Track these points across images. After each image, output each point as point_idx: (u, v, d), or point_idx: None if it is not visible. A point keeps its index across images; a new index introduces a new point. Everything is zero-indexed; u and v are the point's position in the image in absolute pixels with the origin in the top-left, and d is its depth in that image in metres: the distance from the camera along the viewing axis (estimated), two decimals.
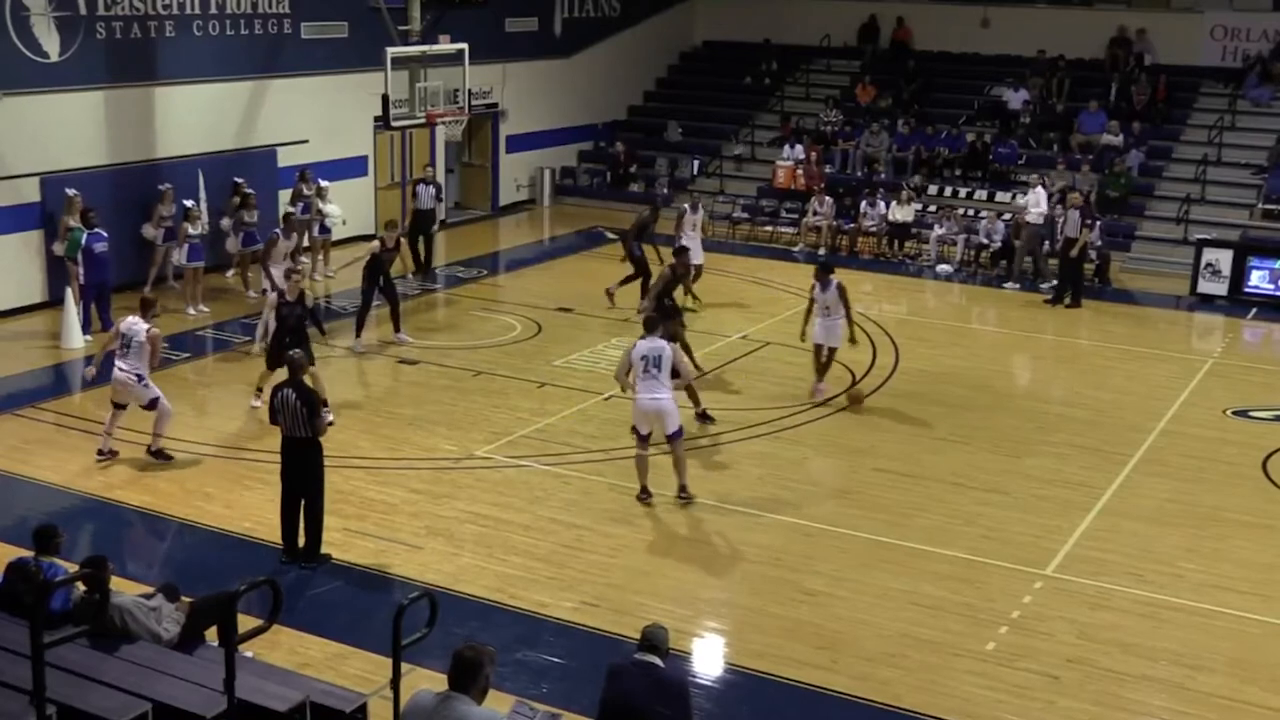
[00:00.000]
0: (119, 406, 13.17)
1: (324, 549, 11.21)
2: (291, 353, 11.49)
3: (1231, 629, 10.42)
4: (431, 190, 22.02)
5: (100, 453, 13.20)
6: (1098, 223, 21.17)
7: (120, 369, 13.01)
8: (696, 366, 15.26)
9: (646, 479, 12.45)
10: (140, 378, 12.98)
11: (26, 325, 18.05)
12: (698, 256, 19.48)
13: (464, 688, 5.99)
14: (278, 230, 17.96)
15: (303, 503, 11.05)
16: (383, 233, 17.78)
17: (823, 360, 15.67)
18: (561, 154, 28.82)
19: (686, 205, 20.79)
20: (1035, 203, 21.97)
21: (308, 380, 11.32)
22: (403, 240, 18.18)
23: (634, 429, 12.42)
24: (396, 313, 17.41)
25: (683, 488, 12.48)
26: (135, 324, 12.97)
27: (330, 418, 14.03)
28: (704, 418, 14.66)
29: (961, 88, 28.47)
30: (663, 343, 12.31)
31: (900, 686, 9.37)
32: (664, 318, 14.21)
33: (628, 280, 19.43)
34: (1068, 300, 20.56)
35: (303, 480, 11.02)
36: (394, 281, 17.68)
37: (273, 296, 15.21)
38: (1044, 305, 20.66)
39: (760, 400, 15.59)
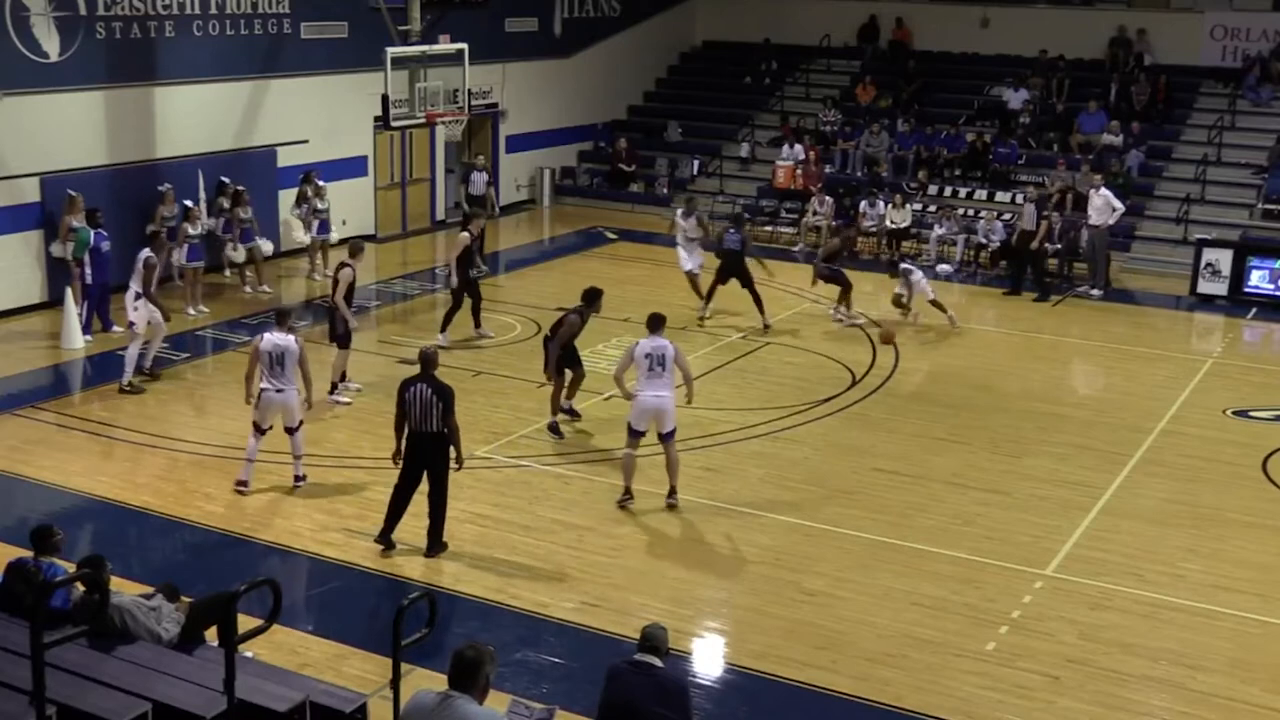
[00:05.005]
0: (262, 431, 12.38)
1: (325, 548, 11.27)
2: (425, 347, 11.68)
3: (1231, 629, 10.42)
4: (484, 176, 23.14)
5: (242, 483, 12.44)
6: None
7: (275, 387, 12.15)
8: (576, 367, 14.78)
9: (632, 480, 12.40)
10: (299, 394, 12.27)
11: (26, 325, 18.05)
12: (686, 263, 19.45)
13: (464, 687, 5.98)
14: (151, 254, 15.63)
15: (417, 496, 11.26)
16: (470, 225, 17.92)
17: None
18: (561, 154, 28.82)
19: (679, 210, 20.17)
20: (1104, 205, 21.29)
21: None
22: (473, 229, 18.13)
23: (629, 428, 12.35)
24: (478, 308, 17.63)
25: (673, 490, 12.41)
26: (281, 339, 12.22)
27: (355, 385, 15.27)
28: (555, 429, 14.24)
29: (961, 88, 28.47)
30: (665, 341, 12.25)
31: (901, 687, 9.37)
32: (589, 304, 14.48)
33: (843, 299, 19.17)
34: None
35: (429, 474, 11.15)
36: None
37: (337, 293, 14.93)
38: (1044, 304, 20.69)
39: (760, 400, 15.59)
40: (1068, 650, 9.94)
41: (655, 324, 12.43)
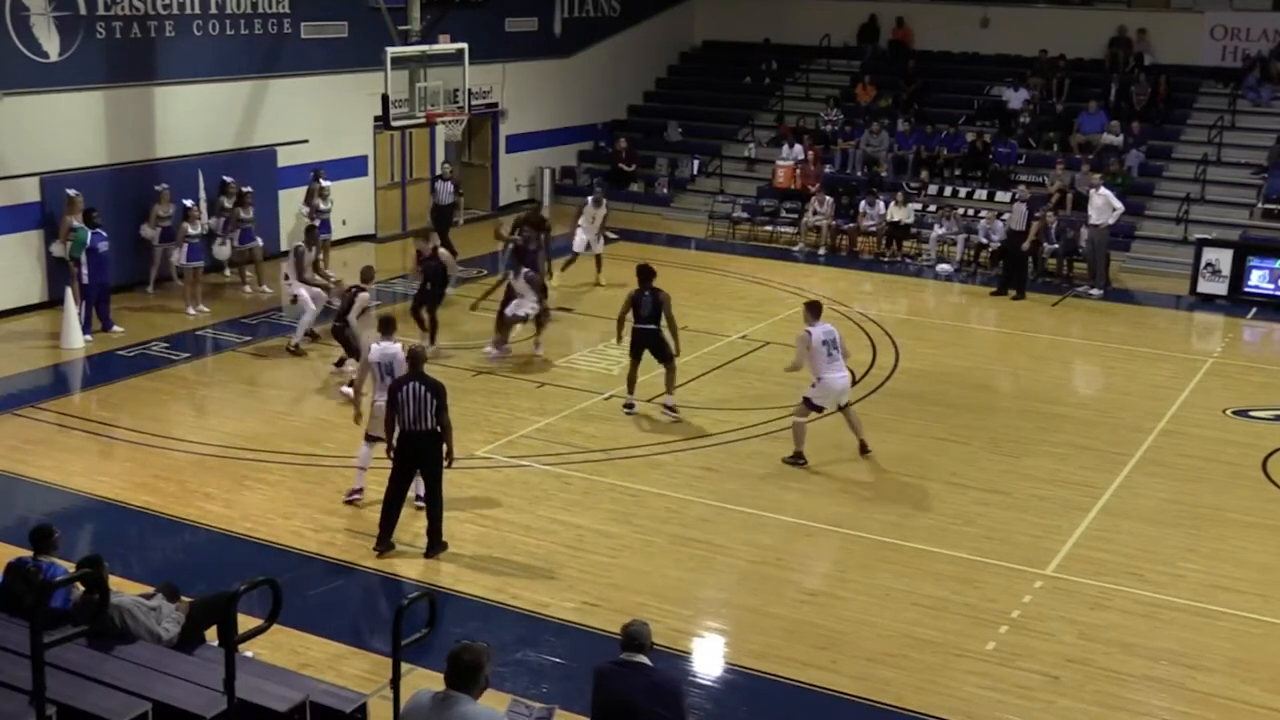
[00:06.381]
0: (374, 439, 12.03)
1: (325, 548, 11.26)
2: (413, 345, 11.52)
3: (1231, 629, 10.42)
4: (450, 186, 22.87)
5: (356, 491, 12.25)
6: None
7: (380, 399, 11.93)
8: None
9: (804, 446, 13.40)
10: None
11: (26, 325, 18.04)
12: (578, 246, 20.91)
13: (463, 686, 5.99)
14: (302, 245, 18.02)
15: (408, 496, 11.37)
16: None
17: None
18: (561, 154, 28.82)
19: (589, 199, 21.54)
20: (1103, 205, 21.21)
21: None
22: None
23: (809, 402, 13.35)
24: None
25: (864, 444, 13.76)
26: (388, 348, 12.10)
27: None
28: (672, 408, 14.90)
29: (961, 88, 28.46)
30: (831, 325, 13.48)
31: (901, 687, 9.37)
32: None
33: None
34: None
35: (424, 473, 11.15)
36: None
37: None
38: (1050, 306, 20.70)
39: (760, 400, 15.58)
40: (1068, 650, 9.94)
41: (817, 310, 13.48)
